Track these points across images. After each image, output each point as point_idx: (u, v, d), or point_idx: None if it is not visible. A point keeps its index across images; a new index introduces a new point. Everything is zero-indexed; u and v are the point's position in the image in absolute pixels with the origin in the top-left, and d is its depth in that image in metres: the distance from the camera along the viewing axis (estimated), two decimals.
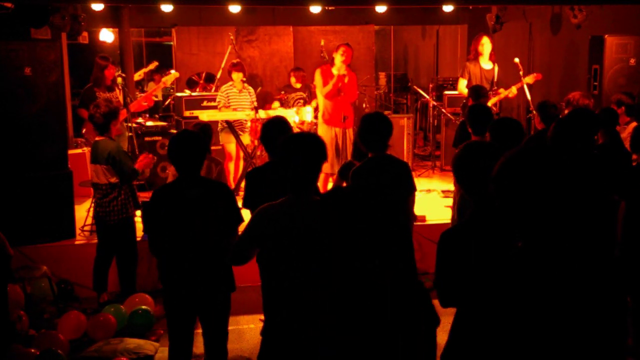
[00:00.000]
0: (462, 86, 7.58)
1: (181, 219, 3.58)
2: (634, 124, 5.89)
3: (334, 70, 7.18)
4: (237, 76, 7.71)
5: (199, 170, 3.69)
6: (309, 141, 2.93)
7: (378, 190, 4.15)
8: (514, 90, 7.37)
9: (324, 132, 7.28)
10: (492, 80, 7.60)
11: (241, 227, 3.84)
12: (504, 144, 3.19)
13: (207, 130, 5.14)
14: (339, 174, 5.14)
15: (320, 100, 7.39)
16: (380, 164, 4.19)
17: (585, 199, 1.86)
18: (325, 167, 5.19)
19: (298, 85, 8.79)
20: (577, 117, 4.08)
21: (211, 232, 3.61)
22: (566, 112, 5.72)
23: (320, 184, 5.70)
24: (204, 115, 7.38)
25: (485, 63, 7.62)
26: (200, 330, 3.80)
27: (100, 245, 5.49)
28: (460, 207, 4.74)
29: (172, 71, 8.37)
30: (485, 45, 7.57)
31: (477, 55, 7.62)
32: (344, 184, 5.16)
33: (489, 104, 7.22)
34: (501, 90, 7.49)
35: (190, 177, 3.64)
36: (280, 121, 4.32)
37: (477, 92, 6.46)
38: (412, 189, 4.32)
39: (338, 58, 7.13)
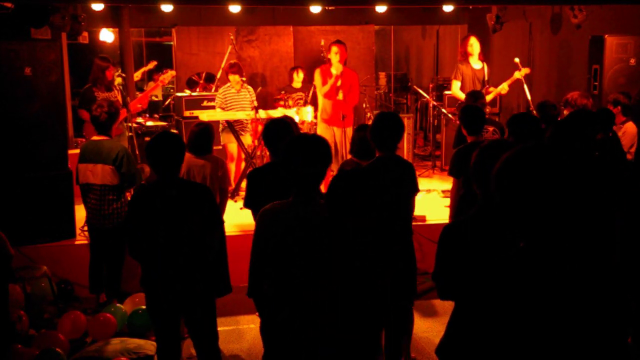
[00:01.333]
0: (456, 88, 7.72)
1: (161, 220, 3.56)
2: (630, 123, 5.91)
3: (333, 70, 7.19)
4: (233, 78, 7.71)
5: (178, 171, 3.67)
6: (312, 143, 2.90)
7: (384, 189, 4.17)
8: (505, 86, 7.47)
9: (323, 131, 7.30)
10: (483, 79, 7.72)
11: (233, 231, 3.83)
12: (522, 140, 3.19)
13: (209, 130, 5.14)
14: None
15: (320, 99, 7.41)
16: (388, 164, 4.21)
17: (584, 199, 1.86)
18: None
19: (298, 85, 8.80)
20: (576, 118, 4.09)
21: (191, 233, 3.59)
22: (565, 111, 5.74)
23: None
24: (204, 115, 7.38)
25: (475, 63, 7.76)
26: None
27: (94, 247, 5.46)
28: (459, 207, 4.75)
29: (169, 70, 8.37)
30: (474, 45, 7.71)
31: (466, 56, 7.74)
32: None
33: (488, 98, 7.29)
34: (492, 88, 7.56)
35: (170, 178, 3.61)
36: (283, 122, 4.32)
37: (475, 96, 6.50)
38: (417, 189, 4.35)
39: (333, 57, 7.15)
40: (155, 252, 3.59)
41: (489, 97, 7.41)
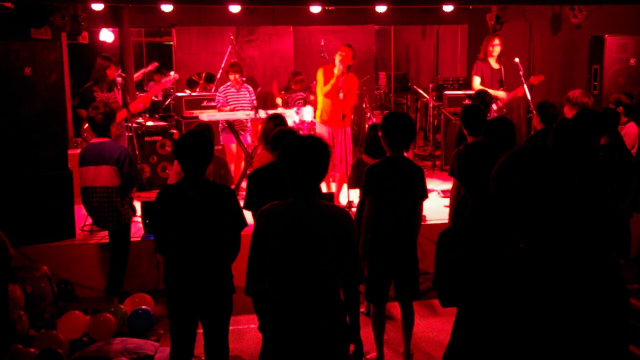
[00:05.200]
0: (477, 83, 7.92)
1: (182, 219, 3.60)
2: (632, 123, 5.91)
3: (335, 71, 7.21)
4: (234, 76, 7.73)
5: (203, 171, 3.70)
6: (309, 144, 2.89)
7: (392, 190, 4.19)
8: (523, 90, 7.60)
9: (322, 131, 7.32)
10: (500, 79, 7.85)
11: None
12: (498, 143, 3.20)
13: (208, 131, 5.15)
14: (357, 167, 5.17)
15: (320, 99, 7.41)
16: (398, 165, 4.22)
17: (585, 199, 1.86)
18: None
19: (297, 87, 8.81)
20: (581, 118, 4.09)
21: (213, 233, 3.62)
22: (565, 108, 5.74)
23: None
24: (204, 115, 7.39)
25: (494, 63, 7.88)
26: (200, 330, 3.80)
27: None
28: (457, 208, 4.76)
29: (172, 73, 8.36)
30: (497, 46, 7.89)
31: (487, 55, 7.87)
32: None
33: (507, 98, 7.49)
34: (501, 93, 7.64)
35: (194, 177, 3.65)
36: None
37: (484, 98, 6.48)
38: (425, 195, 4.36)
39: (337, 58, 7.16)
40: (177, 250, 3.62)
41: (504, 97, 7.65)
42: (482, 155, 2.68)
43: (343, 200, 7.09)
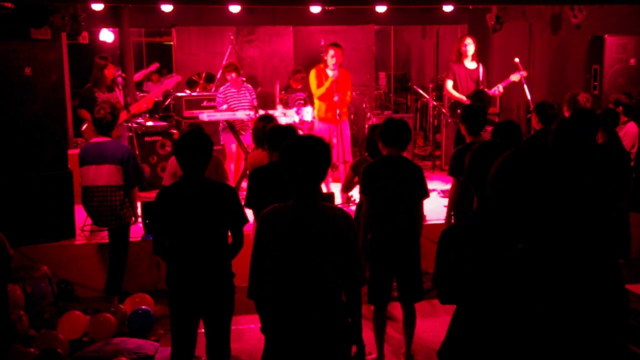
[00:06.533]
0: (449, 86, 7.90)
1: (182, 219, 3.60)
2: (632, 123, 5.91)
3: (328, 71, 7.22)
4: (230, 76, 7.76)
5: (203, 170, 3.70)
6: (310, 145, 2.89)
7: (387, 189, 4.19)
8: (500, 88, 7.58)
9: (320, 129, 7.35)
10: (477, 79, 7.78)
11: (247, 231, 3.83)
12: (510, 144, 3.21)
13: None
14: (352, 170, 5.18)
15: (316, 99, 7.46)
16: (393, 164, 4.23)
17: (585, 199, 1.86)
18: None
19: (298, 86, 8.80)
20: (578, 118, 4.10)
21: (213, 232, 3.63)
22: (564, 110, 5.75)
23: None
24: (204, 115, 7.39)
25: (470, 63, 7.82)
26: (201, 331, 3.80)
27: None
28: (458, 208, 4.76)
29: (174, 74, 8.37)
30: (469, 45, 7.81)
31: (461, 56, 7.84)
32: (356, 179, 5.20)
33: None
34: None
35: (193, 177, 3.65)
36: (288, 129, 4.36)
37: (480, 97, 6.50)
38: (425, 193, 4.36)
39: (330, 60, 7.17)
40: (178, 250, 3.63)
41: None
42: (495, 155, 2.66)
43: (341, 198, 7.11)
